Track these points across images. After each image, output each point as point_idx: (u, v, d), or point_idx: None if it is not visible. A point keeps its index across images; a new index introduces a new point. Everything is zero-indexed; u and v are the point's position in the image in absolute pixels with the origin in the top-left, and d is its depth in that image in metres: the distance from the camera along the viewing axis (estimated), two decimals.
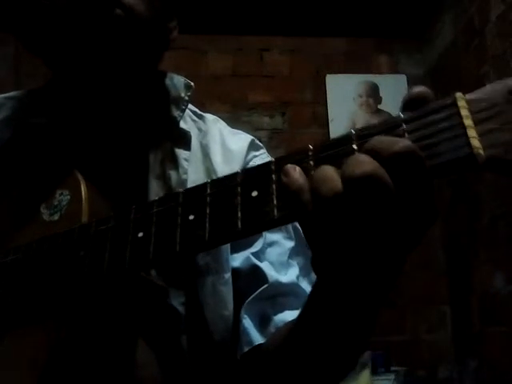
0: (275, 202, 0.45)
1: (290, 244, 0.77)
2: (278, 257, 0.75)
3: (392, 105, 3.13)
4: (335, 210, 0.41)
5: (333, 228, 0.41)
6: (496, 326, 2.52)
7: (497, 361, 2.51)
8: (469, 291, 2.77)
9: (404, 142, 0.40)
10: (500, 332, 2.48)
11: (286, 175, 0.44)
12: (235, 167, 0.78)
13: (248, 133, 0.88)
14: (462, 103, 0.41)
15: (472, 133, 0.39)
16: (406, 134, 0.42)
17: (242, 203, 0.46)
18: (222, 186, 0.49)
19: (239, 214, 0.46)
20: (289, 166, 0.44)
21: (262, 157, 0.83)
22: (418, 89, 0.44)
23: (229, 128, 0.87)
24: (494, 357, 2.54)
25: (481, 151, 0.39)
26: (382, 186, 0.39)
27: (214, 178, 0.74)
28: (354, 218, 0.40)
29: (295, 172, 0.44)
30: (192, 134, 0.79)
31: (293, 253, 0.77)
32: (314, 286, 0.53)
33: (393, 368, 2.62)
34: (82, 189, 0.62)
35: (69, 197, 0.63)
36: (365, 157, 0.40)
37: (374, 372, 2.51)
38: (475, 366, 2.68)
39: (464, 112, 0.40)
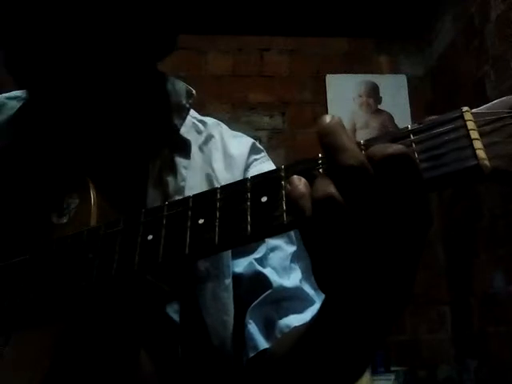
0: (284, 207, 0.45)
1: (292, 248, 0.77)
2: (281, 261, 0.75)
3: (392, 105, 3.14)
4: (328, 213, 0.42)
5: (329, 232, 0.42)
6: (496, 325, 2.52)
7: (497, 361, 2.52)
8: (469, 291, 2.77)
9: (396, 146, 0.41)
10: (500, 332, 2.49)
11: (291, 184, 0.45)
12: (237, 173, 0.78)
13: (248, 133, 0.87)
14: (468, 116, 0.42)
15: (478, 144, 0.40)
16: (414, 145, 0.43)
17: (251, 208, 0.47)
18: (232, 192, 0.49)
19: (249, 219, 0.46)
20: (295, 176, 0.45)
21: (262, 160, 0.83)
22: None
23: (230, 131, 0.86)
24: (493, 357, 2.54)
25: (486, 162, 0.40)
26: (373, 190, 0.40)
27: (216, 184, 0.75)
28: (348, 223, 0.41)
29: (300, 182, 0.45)
30: (192, 140, 0.79)
31: (295, 257, 0.77)
32: (324, 298, 0.53)
33: (393, 368, 2.63)
34: (91, 192, 0.62)
35: (77, 200, 0.63)
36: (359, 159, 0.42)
37: (374, 372, 2.52)
38: (475, 366, 2.69)
39: (470, 125, 0.41)
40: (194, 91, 0.80)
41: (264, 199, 0.47)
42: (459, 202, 2.77)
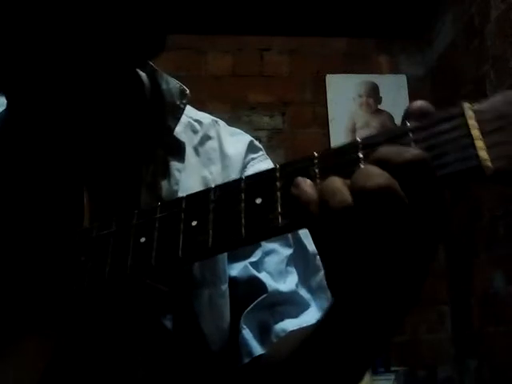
0: (279, 209, 0.44)
1: (288, 251, 0.76)
2: (276, 265, 0.74)
3: (392, 105, 3.13)
4: (344, 223, 0.40)
5: (342, 239, 0.41)
6: (496, 325, 2.52)
7: (497, 361, 2.51)
8: (469, 291, 2.77)
9: (414, 151, 0.40)
10: (500, 332, 2.48)
11: (296, 187, 0.44)
12: (233, 173, 0.76)
13: (248, 133, 0.85)
14: (469, 113, 0.40)
15: (480, 144, 0.39)
16: (413, 144, 0.41)
17: (245, 210, 0.46)
18: (226, 193, 0.48)
19: (243, 221, 0.46)
20: (300, 178, 0.44)
21: (259, 159, 0.81)
22: (419, 103, 0.43)
23: (227, 128, 0.84)
24: (493, 357, 2.54)
25: (488, 163, 0.38)
26: (396, 199, 0.39)
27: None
28: (364, 230, 0.40)
29: (306, 184, 0.43)
30: (187, 141, 0.77)
31: (291, 260, 0.75)
32: (331, 301, 0.52)
33: (393, 368, 2.63)
34: (84, 195, 0.62)
35: (70, 203, 0.62)
36: (375, 168, 0.40)
37: (374, 372, 2.51)
38: (475, 365, 2.68)
39: (472, 122, 0.40)
40: (187, 91, 0.77)
41: (258, 201, 0.46)
42: (459, 203, 2.77)
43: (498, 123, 0.40)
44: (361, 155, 0.43)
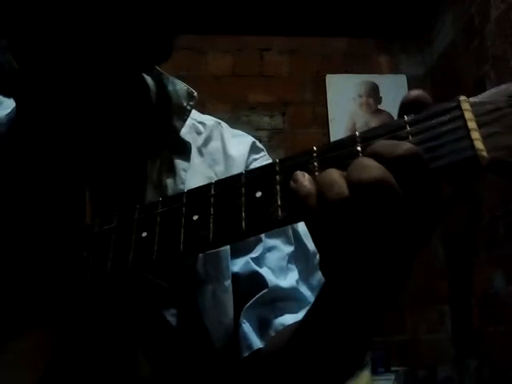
0: (279, 202, 0.45)
1: (290, 249, 0.77)
2: (278, 262, 0.75)
3: (392, 105, 3.13)
4: (342, 214, 0.41)
5: (339, 231, 0.42)
6: (496, 325, 2.52)
7: (497, 361, 2.52)
8: (469, 291, 2.77)
9: (407, 145, 0.40)
10: (500, 332, 2.48)
11: (295, 181, 0.44)
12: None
13: (248, 133, 0.86)
14: (465, 106, 0.41)
15: (475, 135, 0.39)
16: (410, 137, 0.42)
17: (246, 203, 0.47)
18: (226, 187, 0.49)
19: (243, 215, 0.46)
20: (298, 172, 0.45)
21: (261, 160, 0.82)
22: (416, 92, 0.44)
23: (230, 130, 0.85)
24: (493, 357, 2.54)
25: (484, 153, 0.39)
26: (391, 191, 0.39)
27: None
28: (360, 222, 0.41)
29: (304, 178, 0.44)
30: (191, 142, 0.78)
31: (292, 257, 0.76)
32: (322, 288, 0.53)
33: (393, 368, 2.63)
34: (86, 191, 0.62)
35: (74, 199, 0.63)
36: (370, 160, 0.41)
37: (374, 372, 2.52)
38: (475, 365, 2.68)
39: (468, 115, 0.40)
40: (195, 93, 0.78)
41: (258, 194, 0.47)
42: (459, 202, 2.77)
43: (493, 115, 0.40)
44: (359, 148, 0.43)
